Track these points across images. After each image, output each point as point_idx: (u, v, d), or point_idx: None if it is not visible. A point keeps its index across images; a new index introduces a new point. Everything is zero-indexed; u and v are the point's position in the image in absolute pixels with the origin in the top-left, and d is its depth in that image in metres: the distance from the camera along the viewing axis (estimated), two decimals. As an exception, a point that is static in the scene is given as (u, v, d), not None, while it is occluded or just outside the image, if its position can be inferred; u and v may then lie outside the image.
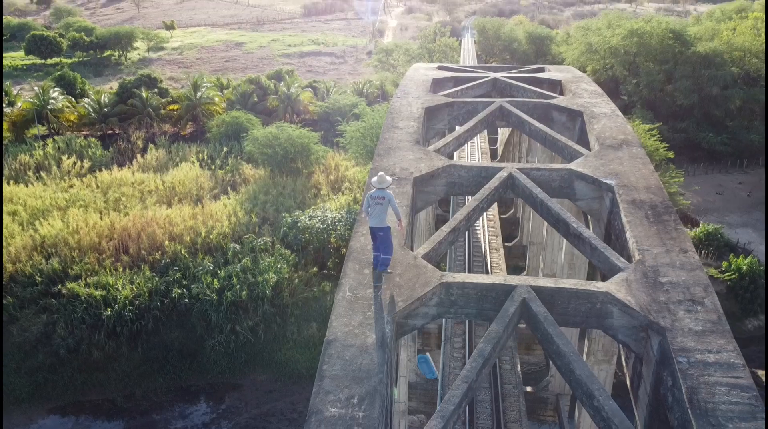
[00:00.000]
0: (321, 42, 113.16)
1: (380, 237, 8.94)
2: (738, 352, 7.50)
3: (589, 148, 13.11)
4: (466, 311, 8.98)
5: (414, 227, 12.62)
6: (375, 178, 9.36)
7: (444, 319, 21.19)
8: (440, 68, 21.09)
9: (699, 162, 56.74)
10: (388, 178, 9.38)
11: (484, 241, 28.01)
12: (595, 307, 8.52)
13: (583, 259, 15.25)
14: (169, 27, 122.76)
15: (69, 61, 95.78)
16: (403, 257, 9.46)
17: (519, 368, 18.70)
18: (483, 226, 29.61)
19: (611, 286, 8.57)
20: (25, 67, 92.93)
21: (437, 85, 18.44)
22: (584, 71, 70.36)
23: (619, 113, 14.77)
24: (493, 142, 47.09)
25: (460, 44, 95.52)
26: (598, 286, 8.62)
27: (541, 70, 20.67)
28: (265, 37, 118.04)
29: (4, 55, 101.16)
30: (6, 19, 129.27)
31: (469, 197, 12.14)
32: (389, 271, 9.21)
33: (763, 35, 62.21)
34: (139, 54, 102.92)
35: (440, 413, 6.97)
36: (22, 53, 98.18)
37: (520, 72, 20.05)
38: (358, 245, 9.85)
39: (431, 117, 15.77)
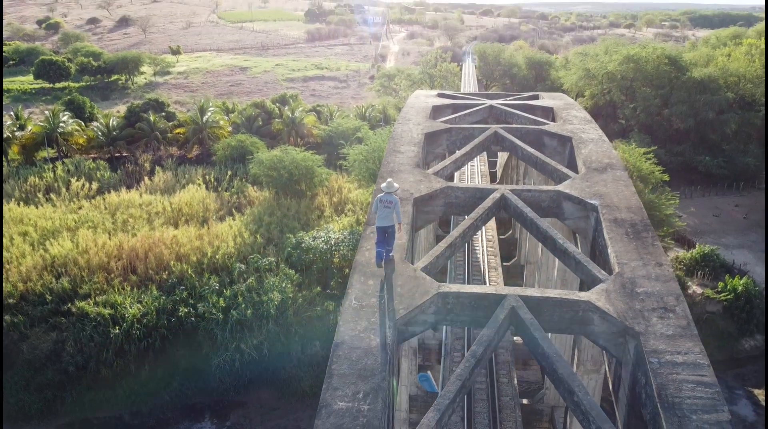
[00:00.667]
0: (324, 67, 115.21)
1: (389, 234, 10.44)
2: (704, 354, 8.36)
3: (577, 171, 14.09)
4: (461, 319, 9.88)
5: (415, 244, 13.54)
6: (384, 184, 10.84)
7: (444, 336, 22.01)
8: (440, 95, 22.23)
9: (696, 185, 57.80)
10: (396, 185, 10.87)
11: (483, 261, 28.89)
12: (578, 314, 9.41)
13: (574, 277, 16.08)
14: (175, 52, 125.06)
15: (77, 85, 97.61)
16: (403, 270, 10.39)
17: (515, 381, 19.47)
18: (482, 247, 30.51)
19: (592, 296, 9.47)
20: (33, 91, 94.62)
21: (437, 111, 19.52)
22: (583, 96, 72.02)
23: (606, 139, 15.79)
24: (492, 164, 48.17)
25: (461, 69, 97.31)
26: (580, 295, 9.52)
27: (536, 97, 21.76)
28: (269, 61, 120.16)
29: (13, 79, 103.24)
30: (15, 44, 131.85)
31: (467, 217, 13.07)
32: (392, 254, 10.71)
33: (757, 61, 63.64)
34: (145, 78, 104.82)
35: (436, 406, 7.84)
36: (31, 77, 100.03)
37: (515, 99, 21.14)
38: (363, 259, 10.78)
39: (431, 142, 16.80)
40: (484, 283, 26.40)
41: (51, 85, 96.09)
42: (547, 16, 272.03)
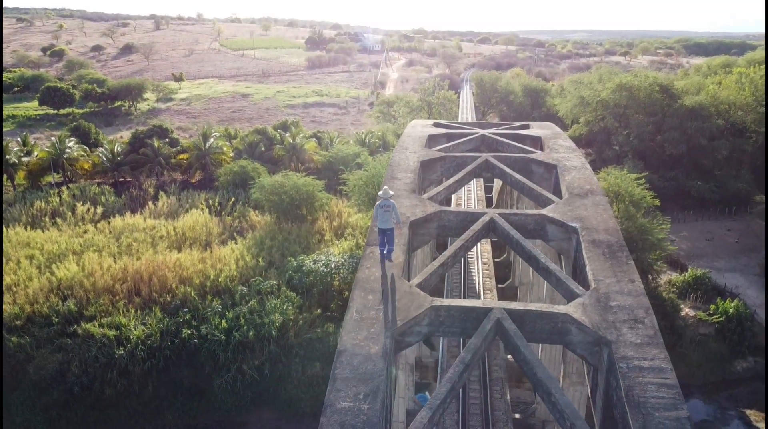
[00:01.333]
0: (324, 93, 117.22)
1: (388, 235, 12.29)
2: (668, 359, 9.34)
3: (561, 197, 15.21)
4: (452, 330, 10.88)
5: (411, 264, 14.58)
6: (381, 192, 12.71)
7: (440, 354, 22.87)
8: (435, 125, 23.49)
9: (689, 209, 58.77)
10: (391, 192, 12.80)
11: (479, 283, 29.85)
12: (557, 325, 10.42)
13: (562, 298, 17.01)
14: (178, 79, 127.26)
15: (81, 111, 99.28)
16: (400, 286, 11.43)
17: (508, 397, 20.30)
18: (478, 269, 31.49)
19: (570, 309, 10.49)
20: (38, 117, 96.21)
21: (432, 140, 20.74)
22: (578, 122, 73.60)
23: (588, 166, 16.94)
24: (488, 190, 49.32)
25: (458, 96, 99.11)
26: (559, 308, 10.54)
27: (526, 126, 23.03)
28: (270, 88, 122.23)
29: (18, 105, 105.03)
30: (20, 70, 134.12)
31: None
32: (392, 259, 12.52)
33: (747, 89, 65.20)
34: (148, 105, 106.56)
35: (429, 406, 8.80)
36: (35, 103, 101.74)
37: (506, 129, 22.39)
38: (363, 276, 11.82)
39: (426, 169, 17.97)
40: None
41: (55, 111, 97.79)
42: (543, 44, 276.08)
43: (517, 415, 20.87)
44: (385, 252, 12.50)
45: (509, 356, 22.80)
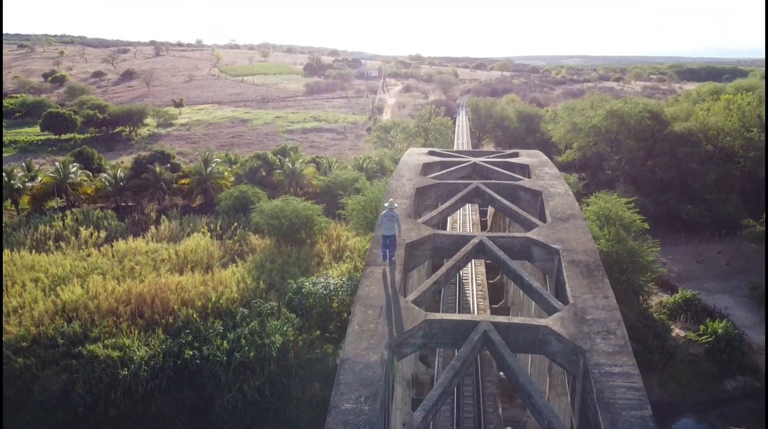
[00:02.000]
0: (323, 119, 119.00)
1: (390, 241, 14.13)
2: (635, 366, 10.46)
3: (545, 221, 16.44)
4: (443, 341, 12.00)
5: (407, 283, 15.71)
6: (387, 203, 14.68)
7: (436, 371, 23.87)
8: (430, 153, 24.84)
9: (680, 232, 60.02)
10: (396, 204, 14.61)
11: (473, 304, 30.91)
12: (538, 337, 11.56)
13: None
14: (178, 104, 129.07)
15: (82, 136, 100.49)
16: (397, 302, 12.57)
17: (500, 411, 21.26)
18: (472, 291, 32.55)
19: (549, 322, 11.64)
20: (40, 143, 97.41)
21: (427, 168, 22.05)
22: (571, 148, 75.30)
23: (570, 193, 18.22)
24: (483, 214, 50.57)
25: (454, 122, 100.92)
26: (540, 321, 11.70)
27: (515, 154, 24.39)
28: (269, 114, 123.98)
29: (20, 130, 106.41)
30: (22, 96, 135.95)
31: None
32: (394, 259, 14.45)
33: (735, 115, 67.06)
34: (149, 130, 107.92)
35: (423, 407, 9.89)
36: (37, 129, 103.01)
37: (496, 157, 23.75)
38: (363, 293, 12.97)
39: (421, 195, 19.23)
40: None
41: (57, 137, 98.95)
42: (538, 70, 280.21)
43: (509, 428, 21.84)
44: (387, 254, 14.23)
45: (501, 373, 23.76)
